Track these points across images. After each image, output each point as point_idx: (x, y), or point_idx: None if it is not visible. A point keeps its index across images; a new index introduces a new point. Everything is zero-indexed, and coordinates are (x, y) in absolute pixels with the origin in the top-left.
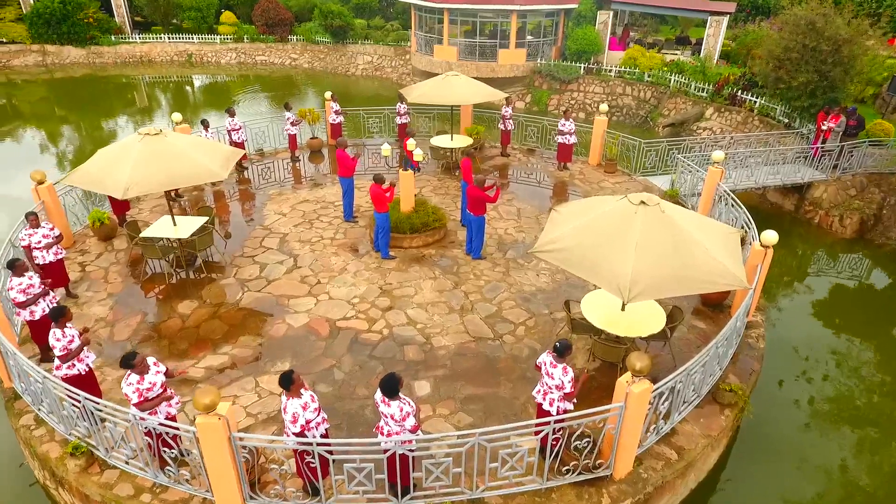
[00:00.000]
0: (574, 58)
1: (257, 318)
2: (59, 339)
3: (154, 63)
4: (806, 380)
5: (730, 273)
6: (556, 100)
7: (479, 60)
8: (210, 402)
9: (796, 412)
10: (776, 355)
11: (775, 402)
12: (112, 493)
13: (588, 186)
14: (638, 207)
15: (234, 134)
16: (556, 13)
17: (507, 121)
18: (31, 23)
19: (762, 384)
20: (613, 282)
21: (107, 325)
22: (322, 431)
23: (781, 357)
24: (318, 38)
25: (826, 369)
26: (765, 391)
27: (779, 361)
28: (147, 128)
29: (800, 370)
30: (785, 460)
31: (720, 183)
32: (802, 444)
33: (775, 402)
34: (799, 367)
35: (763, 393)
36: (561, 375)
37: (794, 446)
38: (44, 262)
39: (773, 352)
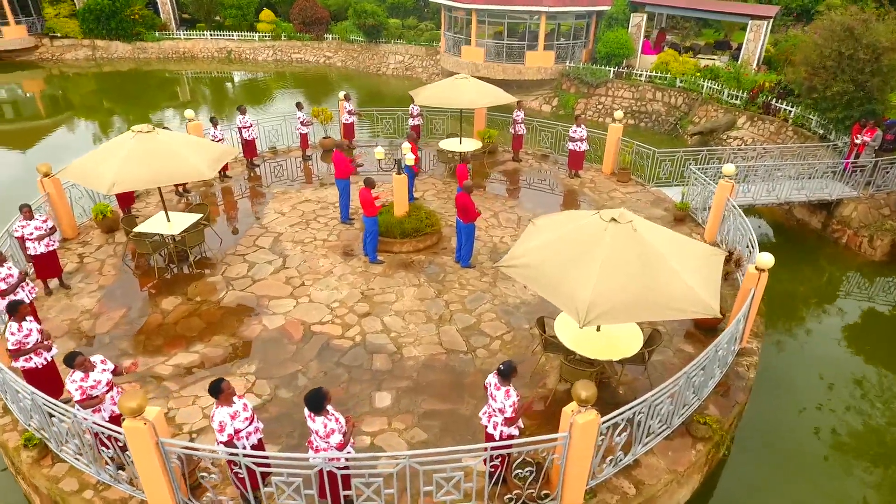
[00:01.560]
0: (604, 61)
1: (235, 317)
2: (14, 333)
3: (196, 59)
4: (805, 416)
5: (699, 300)
6: (583, 104)
7: (505, 62)
8: (137, 406)
9: (787, 453)
10: (779, 386)
11: (765, 438)
12: (57, 487)
13: (597, 196)
14: (608, 225)
15: (245, 132)
16: (587, 15)
17: (518, 125)
18: (82, 18)
19: (755, 419)
20: (571, 303)
21: (91, 317)
22: (254, 441)
23: (785, 389)
24: (352, 37)
25: (833, 405)
26: (754, 426)
27: (781, 394)
28: (140, 125)
29: (803, 405)
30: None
31: (730, 198)
32: (786, 493)
33: (765, 439)
34: (803, 402)
35: (751, 428)
36: (503, 399)
37: (777, 495)
38: (35, 252)
39: (776, 383)
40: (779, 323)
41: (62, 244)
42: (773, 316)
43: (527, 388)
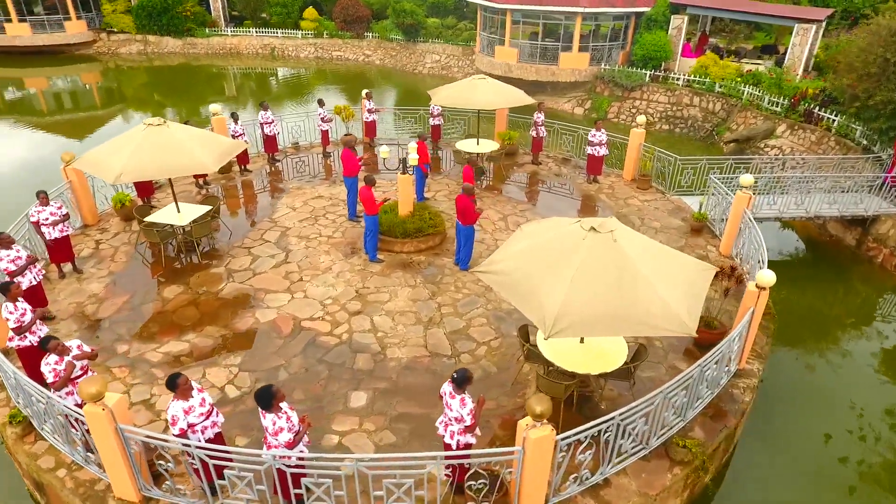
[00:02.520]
0: (640, 64)
1: (230, 309)
2: (12, 313)
3: (241, 55)
4: (813, 448)
5: (675, 317)
6: (616, 107)
7: (539, 63)
8: (96, 391)
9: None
10: (789, 413)
11: (761, 470)
12: (35, 464)
13: (614, 202)
14: (587, 234)
15: (267, 127)
16: (625, 16)
17: (538, 127)
18: (136, 14)
19: (752, 446)
20: (539, 313)
21: (97, 301)
22: (210, 435)
23: (795, 416)
24: (391, 35)
25: (852, 440)
26: (746, 452)
27: (790, 421)
28: (151, 119)
29: (813, 435)
30: None
31: (747, 210)
32: None
33: (760, 471)
34: (813, 432)
35: (744, 455)
36: (459, 407)
37: None
38: (50, 237)
39: (785, 409)
40: (802, 344)
41: (82, 230)
42: (795, 336)
43: (506, 397)
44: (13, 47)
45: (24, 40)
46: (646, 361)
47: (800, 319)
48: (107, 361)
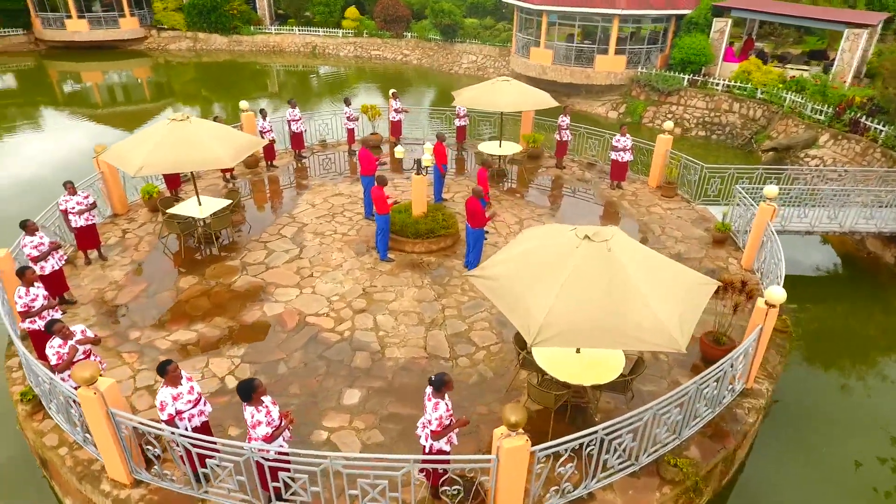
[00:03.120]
0: (678, 68)
1: (240, 301)
2: (21, 297)
3: (284, 53)
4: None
5: (664, 331)
6: (651, 112)
7: (574, 65)
8: (89, 376)
9: None
10: (805, 436)
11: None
12: (41, 441)
13: (636, 210)
14: (582, 242)
15: (294, 124)
16: (665, 19)
17: (563, 131)
18: (187, 12)
19: (758, 471)
20: (525, 321)
21: (118, 288)
22: (197, 423)
23: (813, 439)
24: (430, 35)
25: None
26: (755, 475)
27: (804, 443)
28: (175, 114)
29: (829, 464)
30: None
31: (771, 222)
32: None
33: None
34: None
35: (752, 478)
36: (431, 410)
37: None
38: (77, 225)
39: (799, 431)
40: (831, 365)
41: (111, 219)
42: (824, 357)
43: (499, 404)
44: (72, 42)
45: (81, 36)
46: (649, 376)
47: (830, 339)
48: (118, 346)
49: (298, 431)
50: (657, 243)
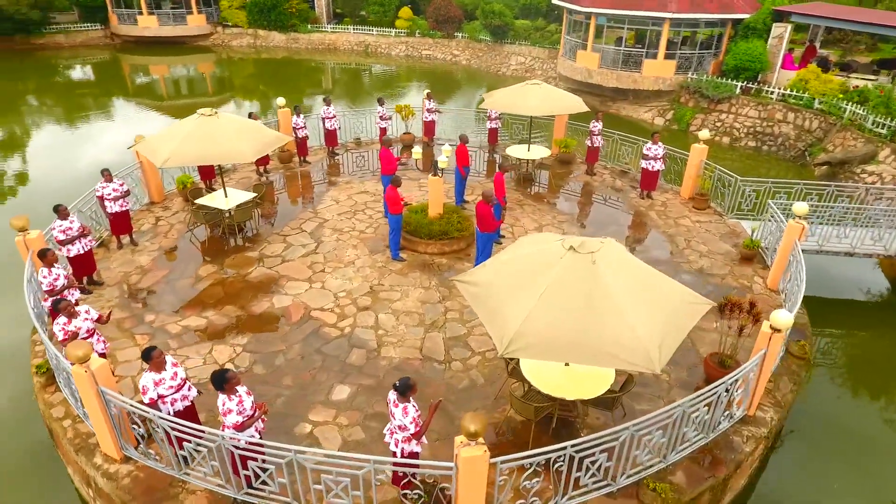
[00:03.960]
0: (731, 74)
1: (252, 292)
2: (45, 277)
3: (338, 51)
4: None
5: (641, 350)
6: (700, 119)
7: (620, 70)
8: (82, 354)
9: None
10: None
11: None
12: (49, 412)
13: (663, 221)
14: (566, 253)
15: (328, 122)
16: (720, 23)
17: (594, 136)
18: (249, 10)
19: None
20: (500, 330)
21: (142, 273)
22: (179, 408)
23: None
24: (480, 36)
25: None
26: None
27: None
28: (205, 109)
29: None
30: None
31: (799, 241)
32: None
33: None
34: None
35: None
36: (401, 417)
37: None
38: (111, 211)
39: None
40: (863, 398)
41: (148, 206)
42: (855, 389)
43: (485, 411)
44: (143, 37)
45: (151, 31)
46: (646, 395)
47: (867, 370)
48: (133, 328)
49: (284, 423)
50: (680, 257)
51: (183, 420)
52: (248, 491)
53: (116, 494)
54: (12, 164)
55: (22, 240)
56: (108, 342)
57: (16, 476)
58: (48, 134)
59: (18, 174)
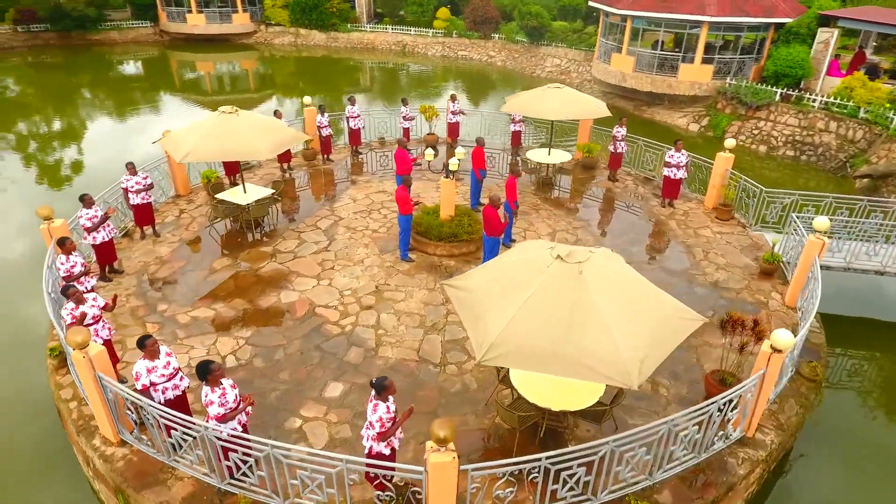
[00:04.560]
0: (772, 80)
1: (261, 286)
2: (63, 264)
3: (375, 50)
4: None
5: (619, 365)
6: (736, 127)
7: (655, 74)
8: (81, 340)
9: None
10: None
11: None
12: (58, 393)
13: (682, 231)
14: (553, 262)
15: (352, 121)
16: (762, 27)
17: (618, 142)
18: (292, 9)
19: None
20: (481, 337)
21: (160, 263)
22: (170, 396)
23: None
24: (517, 37)
25: None
26: None
27: None
28: (225, 107)
29: None
30: None
31: (819, 257)
32: None
33: None
34: None
35: None
36: (370, 412)
37: None
38: (134, 203)
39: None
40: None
41: (173, 199)
42: (874, 413)
43: (474, 416)
44: (191, 35)
45: (199, 29)
46: (641, 410)
47: (888, 396)
48: (146, 317)
49: (276, 417)
50: (696, 269)
51: (173, 408)
52: (230, 481)
53: (110, 476)
54: (68, 153)
55: (46, 228)
56: (121, 329)
57: (29, 454)
58: (100, 126)
59: (73, 163)
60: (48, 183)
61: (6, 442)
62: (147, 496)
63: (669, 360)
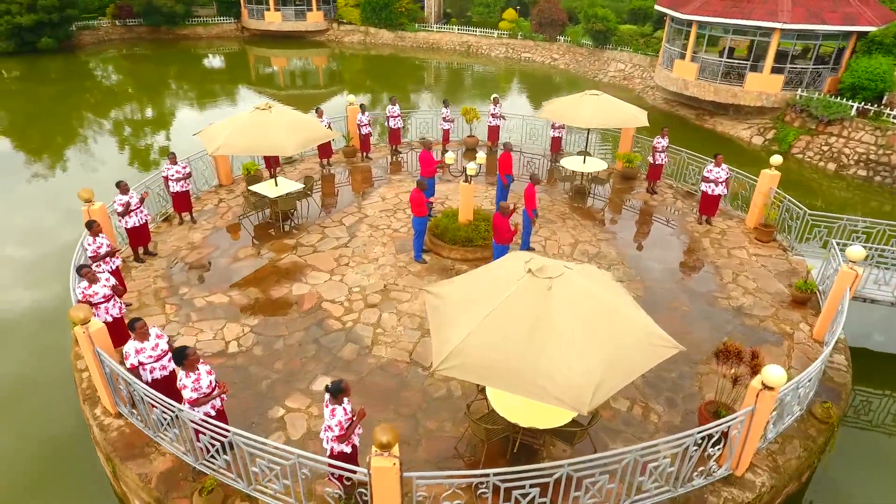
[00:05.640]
0: (848, 94)
1: (276, 277)
2: (89, 245)
3: (440, 50)
4: None
5: (573, 388)
6: (804, 142)
7: (720, 82)
8: (83, 317)
9: None
10: None
11: None
12: (76, 363)
13: (714, 250)
14: (525, 276)
15: (392, 120)
16: (841, 36)
17: (658, 153)
18: (363, 8)
19: None
20: (440, 345)
21: (190, 248)
22: (157, 376)
23: None
24: (582, 40)
25: None
26: None
27: None
28: (260, 103)
29: None
30: None
31: (851, 289)
32: None
33: None
34: None
35: None
36: (329, 417)
37: None
38: (173, 190)
39: None
40: None
41: (215, 189)
42: None
43: (451, 423)
44: (268, 31)
45: (275, 26)
46: (625, 435)
47: None
48: (167, 298)
49: (262, 404)
50: (721, 292)
51: (161, 388)
52: (203, 461)
53: (103, 444)
54: (151, 138)
55: (86, 210)
56: (143, 308)
57: (48, 421)
58: (182, 115)
59: (154, 147)
60: (138, 164)
61: (35, 406)
62: (130, 466)
63: (669, 386)
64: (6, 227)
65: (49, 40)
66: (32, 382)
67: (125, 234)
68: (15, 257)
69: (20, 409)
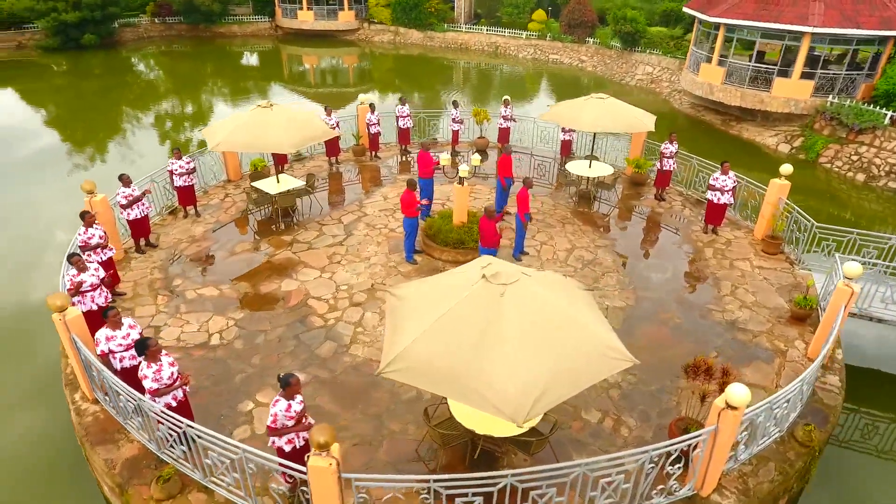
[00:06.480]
0: (882, 101)
1: (268, 272)
2: (81, 235)
3: (468, 50)
4: None
5: (509, 397)
6: (833, 151)
7: (746, 87)
8: (60, 304)
9: None
10: None
11: None
12: (62, 349)
13: (716, 261)
14: (479, 282)
15: (401, 120)
16: (876, 41)
17: (665, 159)
18: (393, 8)
19: None
20: (389, 347)
21: (192, 241)
22: (126, 365)
23: None
24: (610, 42)
25: None
26: None
27: None
28: (263, 101)
29: None
30: None
31: (848, 307)
32: None
33: None
34: None
35: None
36: (272, 407)
37: None
38: (177, 185)
39: None
40: None
41: (223, 183)
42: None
43: (415, 426)
44: (300, 30)
45: (307, 24)
46: (592, 447)
47: None
48: (160, 289)
49: (233, 398)
50: (716, 304)
51: (130, 376)
52: (165, 450)
53: (78, 428)
54: (187, 133)
55: (88, 201)
56: (136, 298)
57: (37, 402)
58: (217, 110)
59: (186, 141)
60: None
61: (27, 387)
62: (98, 451)
63: (645, 400)
64: (45, 217)
65: (92, 37)
66: (30, 365)
67: (128, 227)
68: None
69: (8, 393)
